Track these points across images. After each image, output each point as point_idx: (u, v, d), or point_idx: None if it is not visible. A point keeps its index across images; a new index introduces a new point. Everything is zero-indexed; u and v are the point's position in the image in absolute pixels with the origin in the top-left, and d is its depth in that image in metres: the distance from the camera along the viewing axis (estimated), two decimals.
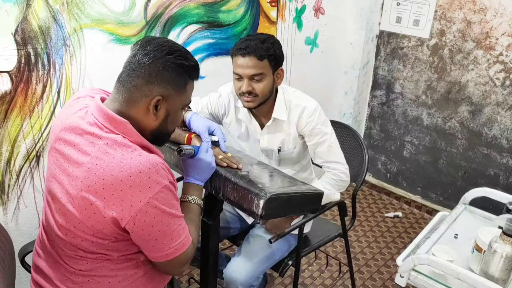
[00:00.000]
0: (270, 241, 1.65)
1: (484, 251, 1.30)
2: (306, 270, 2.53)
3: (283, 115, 1.73)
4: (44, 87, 1.69)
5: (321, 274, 2.50)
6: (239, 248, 1.84)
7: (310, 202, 1.54)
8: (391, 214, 3.14)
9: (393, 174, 3.34)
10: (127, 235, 1.17)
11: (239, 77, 1.63)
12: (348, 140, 2.21)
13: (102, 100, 1.25)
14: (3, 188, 1.69)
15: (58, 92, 1.73)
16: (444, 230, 1.47)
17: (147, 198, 1.12)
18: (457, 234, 1.54)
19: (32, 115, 1.68)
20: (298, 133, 1.76)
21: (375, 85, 3.29)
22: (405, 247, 2.77)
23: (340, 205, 1.94)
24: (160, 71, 1.18)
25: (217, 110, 1.81)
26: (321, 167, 1.84)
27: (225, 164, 1.49)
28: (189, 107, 1.66)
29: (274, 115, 1.73)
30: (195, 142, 1.54)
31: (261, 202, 1.34)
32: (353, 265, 2.54)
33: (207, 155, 1.43)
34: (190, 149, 1.40)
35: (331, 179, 1.79)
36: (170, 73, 1.19)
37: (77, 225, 1.16)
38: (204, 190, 1.48)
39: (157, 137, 1.30)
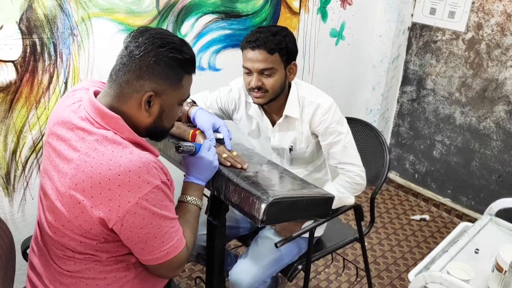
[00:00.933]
0: (276, 245, 1.56)
1: (505, 271, 1.17)
2: (322, 273, 2.43)
3: (296, 112, 1.63)
4: (51, 77, 1.65)
5: (338, 278, 2.40)
6: (247, 249, 1.76)
7: (318, 207, 1.45)
8: (417, 217, 2.98)
9: (421, 174, 3.17)
10: (117, 236, 1.12)
11: (249, 72, 1.54)
12: (370, 140, 2.08)
13: (96, 93, 1.20)
14: (8, 179, 1.67)
15: (66, 83, 1.69)
16: (464, 243, 1.34)
17: (136, 198, 1.06)
18: (478, 249, 1.40)
19: (38, 106, 1.65)
20: (311, 131, 1.66)
21: (405, 81, 3.12)
22: (430, 253, 2.63)
23: (356, 208, 1.82)
24: (152, 65, 1.11)
25: (227, 106, 1.73)
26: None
27: (228, 164, 1.41)
28: (195, 102, 1.58)
29: (285, 112, 1.63)
30: (200, 139, 1.47)
31: (263, 206, 1.26)
32: (373, 270, 2.44)
33: (208, 154, 1.35)
34: (190, 146, 1.33)
35: (345, 181, 1.68)
36: (162, 67, 1.12)
37: (65, 224, 1.12)
38: (207, 190, 1.41)
39: (152, 134, 1.24)
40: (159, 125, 1.20)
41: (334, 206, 1.69)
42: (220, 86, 1.77)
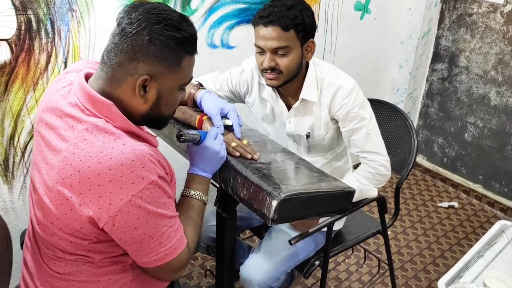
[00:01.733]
0: (290, 242, 1.43)
1: None
2: (342, 263, 2.31)
3: (313, 95, 1.47)
4: (49, 57, 1.53)
5: (359, 269, 2.27)
6: (260, 243, 1.64)
7: (337, 202, 1.30)
8: (445, 204, 2.80)
9: (451, 158, 2.98)
10: (110, 235, 1.01)
11: (261, 51, 1.39)
12: (395, 124, 1.91)
13: (88, 76, 1.08)
14: (7, 166, 1.58)
15: (65, 63, 1.57)
16: (503, 246, 1.18)
17: (129, 196, 0.95)
18: None
19: (36, 88, 1.54)
20: (330, 116, 1.50)
21: (436, 58, 2.90)
22: (458, 243, 2.48)
23: (380, 200, 1.67)
24: (146, 45, 0.97)
25: (238, 88, 1.58)
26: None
27: (238, 154, 1.27)
28: (202, 85, 1.44)
29: (302, 95, 1.47)
30: (207, 125, 1.34)
31: (274, 203, 1.12)
32: (396, 261, 2.30)
33: (215, 143, 1.22)
34: (193, 134, 1.19)
35: (368, 172, 1.53)
36: (158, 47, 0.98)
37: (54, 222, 1.02)
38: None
39: (150, 122, 1.12)
40: (157, 112, 1.07)
41: (355, 199, 1.54)
42: (234, 65, 1.62)
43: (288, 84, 1.44)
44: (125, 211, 0.96)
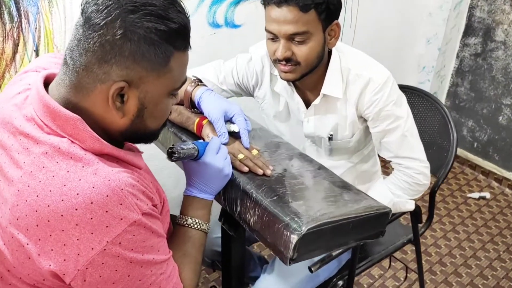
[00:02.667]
0: (310, 269, 1.19)
1: None
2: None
3: (338, 90, 1.20)
4: (16, 45, 1.27)
5: (384, 274, 2.04)
6: (273, 260, 1.41)
7: (370, 227, 1.06)
8: (475, 195, 2.54)
9: (482, 143, 2.70)
10: None
11: (273, 37, 1.12)
12: (428, 115, 1.64)
13: (50, 78, 0.83)
14: None
15: (37, 51, 1.31)
16: None
17: (103, 243, 0.73)
18: None
19: (2, 83, 1.29)
20: (358, 115, 1.24)
21: (469, 31, 2.58)
22: (492, 240, 2.23)
23: (414, 210, 1.42)
24: (119, 41, 0.73)
25: (245, 80, 1.31)
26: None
27: (246, 169, 1.03)
28: (200, 81, 1.18)
29: (324, 90, 1.20)
30: (207, 132, 1.09)
31: (293, 239, 0.90)
32: (423, 262, 2.06)
33: (217, 158, 0.98)
34: (189, 149, 0.94)
35: (403, 181, 1.27)
36: (136, 44, 0.73)
37: (12, 270, 0.79)
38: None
39: (133, 139, 0.87)
40: (141, 127, 0.83)
41: None
42: (240, 47, 1.35)
43: (307, 77, 1.17)
44: (98, 263, 0.73)
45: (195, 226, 0.96)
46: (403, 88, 1.63)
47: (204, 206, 0.99)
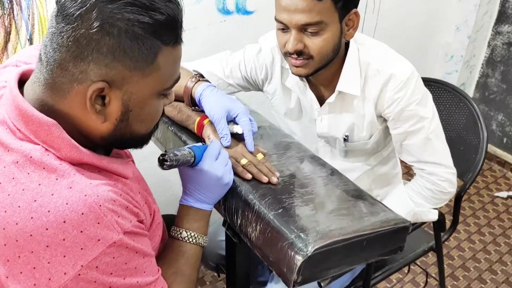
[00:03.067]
0: (320, 284, 1.09)
1: None
2: None
3: (354, 86, 1.08)
4: (7, 33, 1.18)
5: (403, 278, 1.92)
6: None
7: (386, 243, 0.95)
8: (503, 194, 2.38)
9: None
10: None
11: (284, 27, 1.00)
12: (456, 112, 1.50)
13: (28, 75, 0.74)
14: None
15: (30, 40, 1.22)
16: None
17: (77, 267, 0.64)
18: None
19: None
20: (377, 114, 1.12)
21: (502, 18, 2.39)
22: None
23: (438, 219, 1.30)
24: (95, 36, 0.63)
25: (254, 73, 1.20)
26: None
27: (249, 176, 0.92)
28: (202, 76, 1.07)
29: (339, 86, 1.08)
30: (208, 133, 0.99)
31: (298, 260, 0.79)
32: (445, 267, 1.94)
33: (216, 165, 0.88)
34: (184, 155, 0.84)
35: (426, 188, 1.15)
36: (116, 39, 0.64)
37: None
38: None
39: (119, 144, 0.78)
40: (127, 132, 0.73)
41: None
42: (252, 35, 1.24)
43: (321, 72, 1.05)
44: None
45: (190, 240, 0.87)
46: (426, 81, 1.50)
47: (201, 217, 0.89)
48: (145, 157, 1.05)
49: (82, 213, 0.64)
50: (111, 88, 0.66)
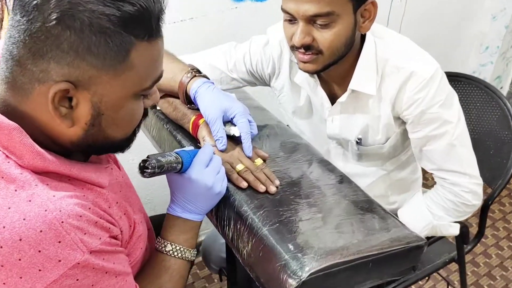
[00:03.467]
0: None
1: None
2: None
3: (370, 85, 0.97)
4: (0, 20, 1.12)
5: (423, 285, 1.81)
6: None
7: (398, 264, 0.85)
8: None
9: None
10: None
11: (291, 18, 0.89)
12: (484, 111, 1.36)
13: None
14: None
15: None
16: None
17: None
18: None
19: None
20: (395, 116, 1.00)
21: None
22: None
23: (461, 231, 1.18)
24: (53, 30, 0.55)
25: (260, 67, 1.10)
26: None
27: (245, 184, 0.83)
28: (199, 71, 0.98)
29: (352, 85, 0.97)
30: (203, 134, 0.90)
31: (290, 285, 0.70)
32: (469, 274, 1.82)
33: (205, 173, 0.79)
34: (170, 161, 0.76)
35: (447, 200, 1.03)
36: (78, 34, 0.56)
37: None
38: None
39: (93, 151, 0.70)
40: (100, 137, 0.65)
41: (424, 234, 1.07)
42: (267, 24, 1.13)
43: (333, 68, 0.95)
44: None
45: (175, 254, 0.79)
46: (455, 77, 1.38)
47: (190, 228, 0.81)
48: (143, 156, 0.98)
49: (41, 231, 0.56)
50: (78, 89, 0.58)
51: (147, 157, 0.74)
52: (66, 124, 0.60)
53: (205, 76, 0.94)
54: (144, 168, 0.72)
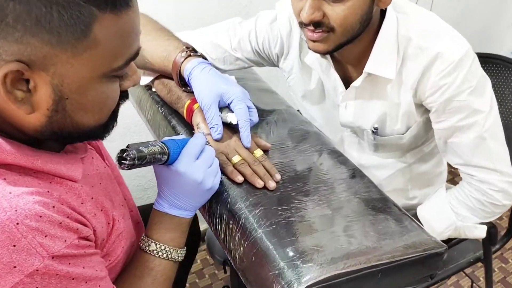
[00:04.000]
0: None
1: None
2: None
3: (389, 68, 0.85)
4: None
5: (446, 281, 1.70)
6: None
7: (413, 272, 0.75)
8: None
9: None
10: None
11: None
12: None
13: None
14: None
15: None
16: None
17: None
18: None
19: None
20: (416, 103, 0.89)
21: None
22: None
23: (488, 231, 1.06)
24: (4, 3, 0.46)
25: (267, 46, 0.99)
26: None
27: (241, 179, 0.74)
28: (195, 50, 0.88)
29: (368, 67, 0.86)
30: (198, 120, 0.81)
31: None
32: (496, 270, 1.70)
33: (195, 166, 0.71)
34: (153, 153, 0.67)
35: (473, 199, 0.92)
36: (24, 5, 0.47)
37: None
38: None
39: (63, 139, 0.62)
40: (67, 124, 0.58)
41: (445, 237, 0.97)
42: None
43: (347, 48, 0.83)
44: None
45: (160, 254, 0.71)
46: (489, 59, 1.24)
47: (177, 226, 0.73)
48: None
49: None
50: (33, 70, 0.50)
51: (127, 146, 0.65)
52: (24, 110, 0.52)
53: (201, 56, 0.84)
54: (122, 159, 0.64)
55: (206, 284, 1.70)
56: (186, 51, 0.83)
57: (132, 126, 1.46)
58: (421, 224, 0.97)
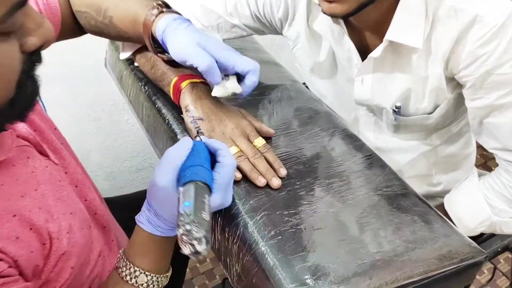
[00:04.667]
0: None
1: None
2: None
3: (415, 35, 0.70)
4: None
5: (478, 277, 1.58)
6: None
7: (447, 285, 0.62)
8: None
9: None
10: None
11: None
12: None
13: None
14: None
15: None
16: None
17: None
18: None
19: None
20: (448, 76, 0.74)
21: None
22: None
23: None
24: None
25: (268, 11, 0.83)
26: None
27: (238, 176, 0.61)
28: (168, 5, 0.71)
29: (390, 35, 0.71)
30: (187, 102, 0.68)
31: None
32: None
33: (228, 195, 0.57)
34: (208, 205, 0.51)
35: None
36: None
37: None
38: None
39: None
40: None
41: (476, 232, 0.84)
42: None
43: (366, 11, 0.68)
44: None
45: (133, 281, 0.57)
46: None
47: (159, 247, 0.58)
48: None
49: None
50: None
51: (183, 233, 0.46)
52: None
53: (176, 13, 0.68)
54: (196, 253, 0.47)
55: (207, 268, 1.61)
56: (158, 8, 0.67)
57: (120, 103, 1.32)
58: (451, 219, 0.85)
